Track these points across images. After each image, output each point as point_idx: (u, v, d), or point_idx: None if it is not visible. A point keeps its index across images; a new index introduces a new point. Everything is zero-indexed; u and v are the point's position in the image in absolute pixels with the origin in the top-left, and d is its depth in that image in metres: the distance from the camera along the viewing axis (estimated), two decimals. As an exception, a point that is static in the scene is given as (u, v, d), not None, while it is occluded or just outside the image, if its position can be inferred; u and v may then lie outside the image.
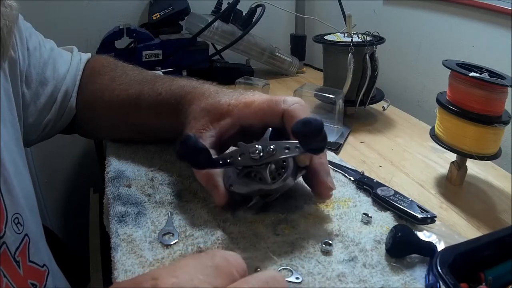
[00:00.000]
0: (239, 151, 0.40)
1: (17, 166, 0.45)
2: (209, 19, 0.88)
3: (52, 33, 0.59)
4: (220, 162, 0.40)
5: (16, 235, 0.42)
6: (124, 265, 0.37)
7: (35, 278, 0.44)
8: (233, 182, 0.41)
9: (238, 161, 0.39)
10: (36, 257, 0.45)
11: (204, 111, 0.45)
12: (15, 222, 0.42)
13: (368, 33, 0.76)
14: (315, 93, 0.70)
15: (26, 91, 0.51)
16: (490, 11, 0.69)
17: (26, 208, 0.45)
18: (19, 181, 0.44)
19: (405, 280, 0.36)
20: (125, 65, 0.59)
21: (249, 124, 0.44)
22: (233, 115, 0.44)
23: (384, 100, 0.80)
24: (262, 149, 0.39)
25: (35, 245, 0.45)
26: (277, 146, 0.39)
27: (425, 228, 0.44)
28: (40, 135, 0.55)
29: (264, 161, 0.39)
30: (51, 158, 1.08)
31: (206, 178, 0.42)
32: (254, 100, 0.44)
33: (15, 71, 0.48)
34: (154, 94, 0.51)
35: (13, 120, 0.46)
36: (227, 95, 0.46)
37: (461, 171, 0.54)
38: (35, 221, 0.47)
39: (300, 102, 0.43)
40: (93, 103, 0.56)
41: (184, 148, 0.37)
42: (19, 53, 0.48)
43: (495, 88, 0.48)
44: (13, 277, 0.40)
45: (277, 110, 0.43)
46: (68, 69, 0.56)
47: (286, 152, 0.38)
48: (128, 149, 0.57)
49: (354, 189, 0.50)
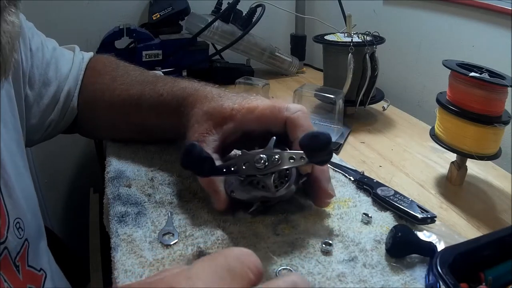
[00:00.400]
0: (243, 159, 0.40)
1: (18, 168, 0.45)
2: (209, 19, 0.88)
3: (52, 33, 0.58)
4: (224, 170, 0.40)
5: (17, 240, 0.41)
6: (124, 265, 0.37)
7: (33, 282, 0.44)
8: (235, 189, 0.41)
9: (243, 170, 0.39)
10: (34, 261, 0.45)
11: (207, 114, 0.45)
12: (16, 227, 0.41)
13: (368, 33, 0.76)
14: (315, 93, 0.70)
15: (29, 92, 0.50)
16: (490, 11, 0.69)
17: (28, 211, 0.44)
18: (20, 183, 0.44)
19: (405, 280, 0.36)
20: (126, 65, 0.59)
21: (251, 129, 0.45)
22: (236, 120, 0.44)
23: (384, 100, 0.80)
24: (267, 159, 0.39)
25: (34, 249, 0.45)
26: (282, 156, 0.39)
27: (425, 228, 0.44)
28: (43, 135, 0.55)
29: (268, 170, 0.39)
30: (51, 158, 1.08)
31: (207, 183, 0.42)
32: (257, 105, 0.44)
33: (18, 72, 0.48)
34: (156, 95, 0.51)
35: (14, 122, 0.46)
36: (230, 99, 0.46)
37: (461, 171, 0.54)
38: (36, 223, 0.47)
39: (302, 110, 0.43)
40: (94, 103, 0.56)
41: (189, 158, 0.37)
42: (22, 55, 0.48)
43: (495, 88, 0.48)
44: (13, 282, 0.40)
45: (279, 117, 0.43)
46: (70, 68, 0.56)
47: (291, 163, 0.38)
48: (128, 149, 0.57)
49: (354, 189, 0.50)
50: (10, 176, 0.42)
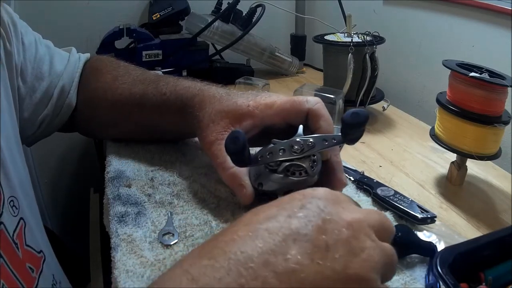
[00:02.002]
0: (276, 147, 0.41)
1: (13, 153, 0.45)
2: (209, 19, 0.88)
3: (53, 33, 0.59)
4: (260, 158, 0.41)
5: (12, 217, 0.42)
6: (125, 265, 0.37)
7: (32, 262, 0.44)
8: (263, 181, 0.42)
9: (280, 156, 0.40)
10: (32, 242, 0.45)
11: (222, 113, 0.45)
12: (10, 205, 0.42)
13: (368, 33, 0.76)
14: (315, 93, 0.70)
15: (22, 85, 0.51)
16: (490, 11, 0.69)
17: (21, 195, 0.45)
18: (14, 167, 0.45)
19: (405, 280, 0.36)
20: (127, 65, 0.59)
21: (271, 124, 0.45)
22: (255, 116, 0.45)
23: (384, 100, 0.80)
24: (303, 142, 0.40)
25: (31, 230, 0.45)
26: (316, 139, 0.40)
27: (425, 228, 0.44)
28: (37, 131, 0.55)
29: (306, 153, 0.40)
30: (51, 158, 1.08)
31: (232, 178, 0.43)
32: (275, 101, 0.45)
33: (11, 63, 0.48)
34: (158, 94, 0.51)
35: (9, 108, 0.46)
36: (242, 96, 0.47)
37: (461, 171, 0.54)
38: (30, 209, 0.47)
39: (321, 102, 0.45)
40: (95, 101, 0.56)
41: (236, 145, 0.38)
42: (14, 47, 0.49)
43: (495, 88, 0.48)
44: (11, 259, 0.40)
45: (301, 110, 0.44)
46: (65, 66, 0.56)
47: (325, 144, 0.40)
48: (128, 149, 0.57)
49: (354, 189, 0.50)
50: (6, 157, 0.43)
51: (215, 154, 0.44)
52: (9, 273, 0.39)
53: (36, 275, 0.45)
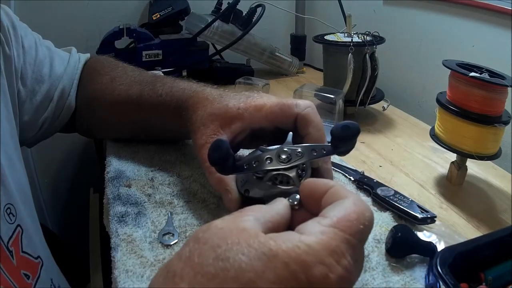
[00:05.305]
0: (264, 155, 0.39)
1: (11, 159, 0.45)
2: (209, 19, 0.88)
3: (52, 33, 0.59)
4: (245, 167, 0.39)
5: (8, 225, 0.42)
6: (125, 265, 0.37)
7: (28, 269, 0.44)
8: (249, 187, 0.41)
9: (266, 165, 0.39)
10: (29, 248, 0.45)
11: (212, 116, 0.44)
12: (7, 213, 0.42)
13: (368, 33, 0.76)
14: (315, 93, 0.70)
15: (22, 88, 0.51)
16: (490, 11, 0.69)
17: (20, 201, 0.45)
18: (13, 174, 0.45)
19: (405, 280, 0.36)
20: (125, 66, 0.59)
21: (260, 127, 0.44)
22: (244, 118, 0.44)
23: (384, 100, 0.80)
24: (290, 152, 0.39)
25: (28, 236, 0.45)
26: (304, 149, 0.39)
27: (425, 228, 0.44)
28: (38, 133, 0.55)
29: (293, 163, 0.38)
30: (51, 158, 1.08)
31: (218, 182, 0.41)
32: (265, 103, 0.44)
33: (10, 68, 0.48)
34: (155, 95, 0.51)
35: (8, 115, 0.46)
36: (233, 98, 0.45)
37: (461, 171, 0.54)
38: (29, 215, 0.47)
39: (311, 106, 0.44)
40: (94, 102, 0.56)
41: (218, 153, 0.37)
42: (13, 51, 0.49)
43: (495, 88, 0.48)
44: (6, 266, 0.40)
45: (290, 114, 0.43)
46: (65, 68, 0.56)
47: (314, 155, 0.38)
48: (128, 149, 0.57)
49: (354, 189, 0.50)
50: (3, 164, 0.42)
51: (203, 158, 0.42)
52: (6, 280, 0.40)
53: (32, 281, 0.45)
